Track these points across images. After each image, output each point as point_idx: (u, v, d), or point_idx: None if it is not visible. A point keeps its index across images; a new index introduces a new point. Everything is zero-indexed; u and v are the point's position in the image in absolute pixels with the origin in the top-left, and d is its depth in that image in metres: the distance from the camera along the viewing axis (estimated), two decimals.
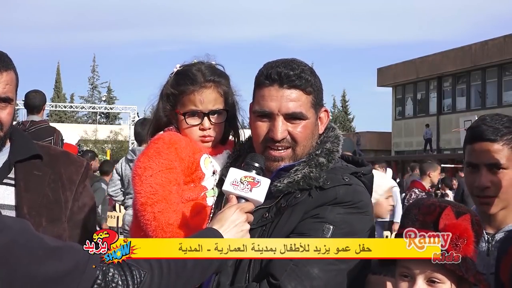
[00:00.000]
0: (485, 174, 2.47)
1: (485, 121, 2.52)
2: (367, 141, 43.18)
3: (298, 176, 2.35)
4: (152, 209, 2.42)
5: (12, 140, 2.54)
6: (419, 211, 2.18)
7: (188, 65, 2.69)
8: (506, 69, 33.63)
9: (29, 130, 6.90)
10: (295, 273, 2.19)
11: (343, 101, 77.71)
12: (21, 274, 1.79)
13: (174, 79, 2.67)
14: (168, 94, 2.66)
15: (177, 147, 2.55)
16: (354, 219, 2.31)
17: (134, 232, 2.59)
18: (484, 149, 2.47)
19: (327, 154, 2.43)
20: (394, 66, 40.81)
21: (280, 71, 2.37)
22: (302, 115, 2.38)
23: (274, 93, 2.38)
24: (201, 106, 2.60)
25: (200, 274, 2.06)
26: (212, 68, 2.67)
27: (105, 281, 1.86)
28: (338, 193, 2.32)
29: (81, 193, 2.61)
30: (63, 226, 2.52)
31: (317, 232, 2.25)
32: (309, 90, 2.40)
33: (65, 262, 1.84)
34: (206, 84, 2.61)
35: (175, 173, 2.50)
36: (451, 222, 2.10)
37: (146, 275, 1.91)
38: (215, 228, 2.14)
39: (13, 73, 2.44)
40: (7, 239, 1.80)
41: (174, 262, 1.97)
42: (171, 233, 2.40)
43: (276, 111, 2.38)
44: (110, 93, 78.52)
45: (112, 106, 58.12)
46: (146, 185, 2.46)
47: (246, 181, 2.22)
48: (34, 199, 2.47)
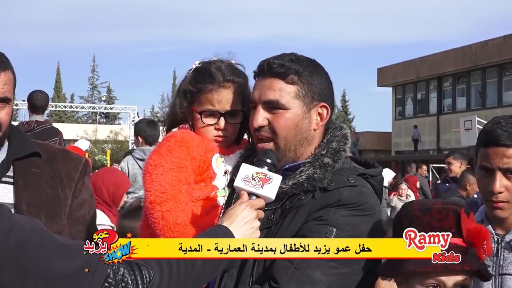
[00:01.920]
0: (499, 179, 2.46)
1: (500, 124, 2.48)
2: (367, 141, 43.17)
3: (302, 178, 2.32)
4: (161, 207, 2.41)
5: (10, 138, 2.55)
6: (432, 217, 2.13)
7: (207, 62, 2.65)
8: (506, 69, 33.61)
9: (34, 130, 6.92)
10: (296, 277, 2.16)
11: (343, 101, 77.63)
12: (34, 272, 1.80)
13: (193, 76, 2.63)
14: (186, 91, 2.63)
15: (189, 145, 2.53)
16: (358, 221, 2.27)
17: (142, 229, 2.58)
18: (499, 154, 2.45)
19: (333, 154, 2.38)
20: (394, 66, 40.78)
21: (266, 61, 2.37)
22: (278, 103, 2.35)
23: (257, 83, 2.40)
24: (218, 106, 2.57)
25: (209, 273, 2.05)
26: (232, 67, 2.63)
27: (116, 280, 1.86)
28: (342, 195, 2.28)
29: (80, 190, 2.61)
30: (62, 223, 2.53)
31: (319, 235, 2.21)
32: (292, 79, 2.35)
33: (77, 260, 1.85)
34: (224, 84, 2.57)
35: (185, 172, 2.48)
36: (473, 227, 2.10)
37: (155, 274, 1.91)
38: (225, 225, 2.13)
39: (10, 73, 2.43)
40: (19, 238, 1.82)
41: (184, 261, 1.97)
42: (179, 233, 2.38)
43: (257, 99, 2.38)
44: (110, 93, 78.50)
45: (112, 106, 58.06)
46: (156, 183, 2.44)
47: (258, 178, 2.21)
48: (33, 197, 2.48)
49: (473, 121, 26.23)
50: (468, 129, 26.67)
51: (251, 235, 2.15)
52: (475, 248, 2.07)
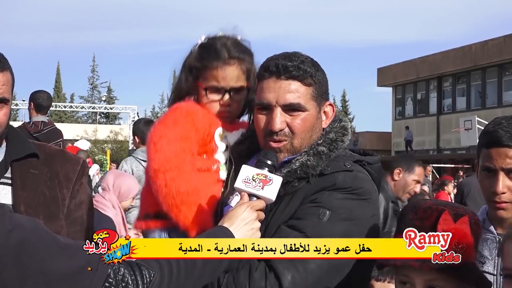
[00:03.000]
0: (502, 179, 2.46)
1: (501, 125, 2.48)
2: (367, 141, 43.13)
3: (296, 165, 2.34)
4: (164, 176, 2.43)
5: (8, 139, 2.55)
6: (415, 215, 2.15)
7: (213, 38, 2.66)
8: (506, 69, 33.60)
9: (43, 131, 6.93)
10: (292, 261, 2.16)
11: (343, 101, 77.66)
12: (34, 272, 1.81)
13: (198, 52, 2.64)
14: (191, 67, 2.64)
15: (194, 117, 2.55)
16: (353, 204, 2.28)
17: (144, 197, 2.60)
18: (501, 155, 2.45)
19: (329, 144, 2.40)
20: (394, 66, 40.77)
21: (278, 63, 2.35)
22: (300, 106, 2.36)
23: (272, 85, 2.37)
24: (223, 82, 2.59)
25: (210, 273, 2.06)
26: (237, 43, 2.64)
27: (116, 280, 1.86)
28: (337, 179, 2.30)
29: (78, 191, 2.61)
30: (61, 224, 2.53)
31: (313, 217, 2.24)
32: (309, 81, 2.37)
33: (77, 260, 1.85)
34: (230, 61, 2.59)
35: (190, 143, 2.51)
36: (449, 227, 2.06)
37: (155, 274, 1.91)
38: (225, 226, 2.15)
39: (9, 74, 2.42)
40: (19, 237, 1.83)
41: (184, 261, 1.97)
42: (181, 201, 2.42)
43: (274, 102, 2.36)
44: (110, 93, 78.50)
45: (112, 106, 58.05)
46: (161, 152, 2.46)
47: (258, 179, 2.22)
48: (30, 197, 2.48)
49: (473, 121, 26.27)
50: (468, 129, 26.72)
51: (252, 236, 2.16)
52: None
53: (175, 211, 2.44)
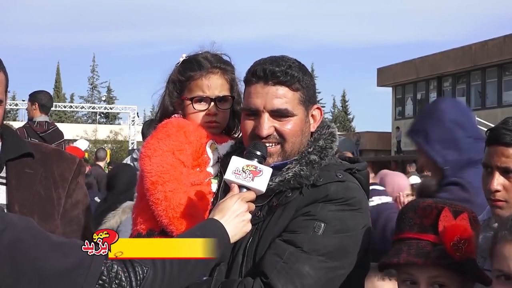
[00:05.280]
0: (497, 177, 2.48)
1: (506, 124, 2.49)
2: (367, 141, 43.15)
3: (289, 175, 2.34)
4: (163, 188, 2.40)
5: (3, 139, 2.55)
6: (415, 214, 2.16)
7: (194, 54, 2.71)
8: (506, 69, 33.60)
9: (48, 131, 6.97)
10: (285, 271, 2.18)
11: (343, 101, 77.76)
12: (28, 270, 1.81)
13: (181, 67, 2.68)
14: (175, 81, 2.66)
15: (186, 130, 2.55)
16: (346, 216, 2.29)
17: (137, 214, 2.53)
18: (498, 153, 2.47)
19: (319, 152, 2.41)
20: (394, 66, 40.77)
21: (266, 68, 2.35)
22: (288, 112, 2.36)
23: (259, 90, 2.36)
24: (208, 91, 2.61)
25: (202, 267, 2.07)
26: (218, 56, 2.69)
27: (109, 277, 1.87)
28: (329, 190, 2.30)
29: (73, 190, 2.61)
30: (56, 223, 2.53)
31: (308, 230, 2.24)
32: (296, 86, 2.37)
33: (71, 257, 1.86)
34: (213, 69, 2.62)
35: (185, 155, 2.50)
36: (450, 224, 2.08)
37: (148, 271, 1.92)
38: (216, 218, 2.15)
39: (3, 75, 2.42)
40: (12, 236, 1.83)
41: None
42: (181, 214, 2.38)
43: (262, 107, 2.36)
44: (110, 93, 78.56)
45: (112, 106, 58.11)
46: (156, 165, 2.44)
47: (248, 170, 2.22)
48: (25, 197, 2.47)
49: None
50: None
51: (242, 228, 2.17)
52: (443, 245, 2.06)
53: (177, 224, 2.38)
